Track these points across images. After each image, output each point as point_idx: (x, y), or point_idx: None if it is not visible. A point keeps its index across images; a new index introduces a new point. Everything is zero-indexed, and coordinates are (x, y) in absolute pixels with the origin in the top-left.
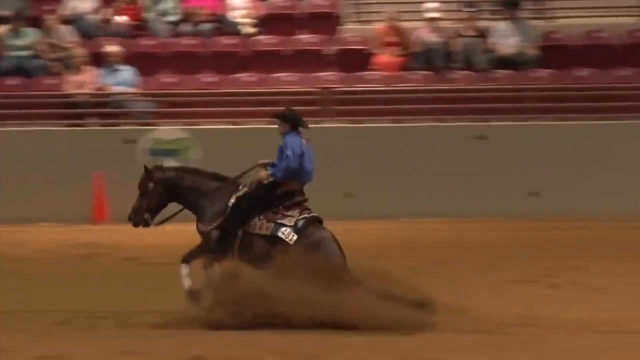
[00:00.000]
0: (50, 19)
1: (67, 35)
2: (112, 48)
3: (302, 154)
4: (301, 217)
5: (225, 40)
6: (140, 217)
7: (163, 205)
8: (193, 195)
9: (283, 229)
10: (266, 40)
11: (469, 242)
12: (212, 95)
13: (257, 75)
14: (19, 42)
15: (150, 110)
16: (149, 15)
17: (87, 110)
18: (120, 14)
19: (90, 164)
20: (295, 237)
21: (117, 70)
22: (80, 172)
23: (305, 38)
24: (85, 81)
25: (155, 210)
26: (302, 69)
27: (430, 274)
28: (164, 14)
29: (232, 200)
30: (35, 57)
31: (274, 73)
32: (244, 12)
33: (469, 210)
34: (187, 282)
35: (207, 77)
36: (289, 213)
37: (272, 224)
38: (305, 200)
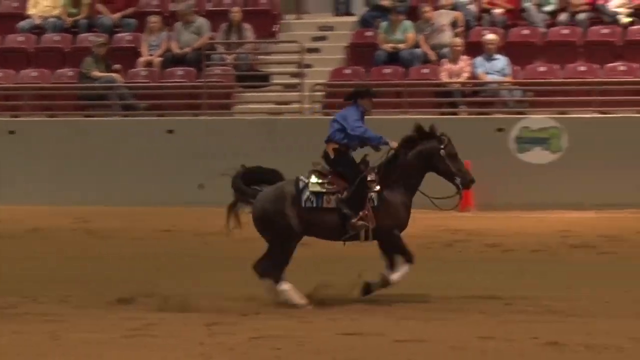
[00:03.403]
0: (427, 9)
1: (444, 24)
2: (489, 37)
3: None
4: None
5: (601, 30)
6: None
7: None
8: None
9: None
10: None
11: None
12: (583, 84)
13: (630, 65)
14: (396, 34)
15: (522, 99)
16: (527, 5)
17: (460, 99)
18: (497, 4)
19: (460, 152)
20: None
21: (492, 59)
22: None
23: None
24: (459, 70)
25: None
26: None
27: None
28: (542, 4)
29: None
30: (411, 47)
31: None
32: (621, 2)
33: None
34: None
35: (580, 67)
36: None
37: None
38: None
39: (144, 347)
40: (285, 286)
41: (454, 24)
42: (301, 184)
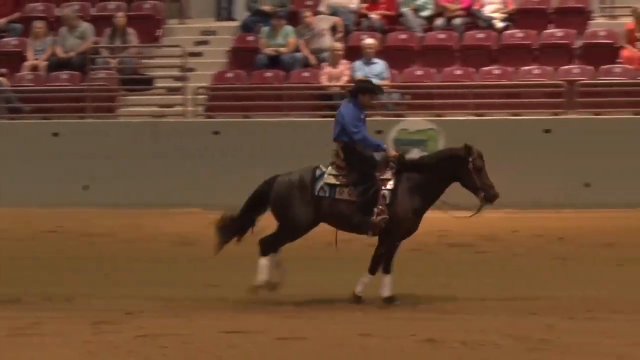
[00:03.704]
0: (307, 14)
1: (324, 29)
2: (367, 41)
3: None
4: None
5: (476, 35)
6: None
7: None
8: None
9: None
10: (515, 35)
11: None
12: (459, 87)
13: (504, 69)
14: (277, 39)
15: (400, 102)
16: (405, 10)
17: (339, 102)
18: (376, 9)
19: None
20: None
21: (370, 63)
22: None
23: (554, 32)
24: (339, 74)
25: None
26: (549, 62)
27: None
28: (419, 9)
29: None
30: (292, 51)
31: (522, 66)
32: (495, 7)
33: None
34: None
35: (457, 70)
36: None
37: None
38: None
39: (29, 345)
40: (264, 261)
41: (333, 29)
42: (318, 172)
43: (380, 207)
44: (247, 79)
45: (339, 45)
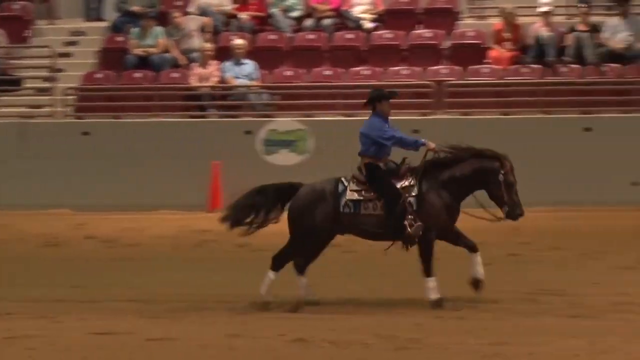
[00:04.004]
0: (177, 15)
1: (193, 30)
2: (237, 42)
3: None
4: None
5: (345, 35)
6: None
7: None
8: None
9: None
10: (384, 35)
11: (573, 230)
12: (328, 87)
13: (373, 69)
14: (146, 40)
15: (269, 103)
16: (274, 11)
17: (210, 103)
18: (246, 10)
19: (210, 154)
20: None
21: (240, 63)
22: (199, 162)
23: (423, 33)
24: (209, 74)
25: None
26: (418, 62)
27: (534, 260)
28: (288, 9)
29: None
30: (162, 52)
31: (391, 67)
32: (364, 8)
33: (573, 199)
34: None
35: (326, 71)
36: None
37: None
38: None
39: None
40: (271, 275)
41: (203, 29)
42: (340, 187)
43: (410, 217)
44: (117, 80)
45: (208, 45)
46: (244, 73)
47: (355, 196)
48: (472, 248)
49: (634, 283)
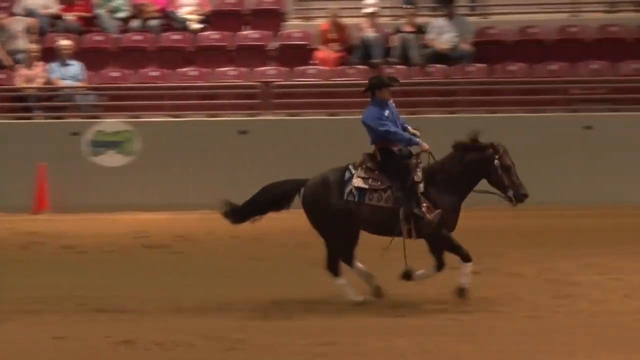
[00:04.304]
0: (2, 16)
1: (19, 31)
2: (62, 43)
3: None
4: None
5: (172, 36)
6: None
7: None
8: None
9: None
10: (211, 36)
11: None
12: (155, 88)
13: (200, 70)
14: None
15: (96, 104)
16: (100, 12)
17: (36, 104)
18: (72, 10)
19: (36, 156)
20: None
21: (66, 64)
22: (25, 163)
23: (250, 34)
24: (34, 75)
25: None
26: (245, 63)
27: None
28: (114, 10)
29: None
30: None
31: (218, 68)
32: (191, 8)
33: None
34: None
35: (153, 72)
36: None
37: None
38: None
39: None
40: (341, 281)
41: (28, 30)
42: (347, 175)
43: (425, 204)
44: None
45: (34, 47)
46: (69, 74)
47: (361, 184)
48: (441, 267)
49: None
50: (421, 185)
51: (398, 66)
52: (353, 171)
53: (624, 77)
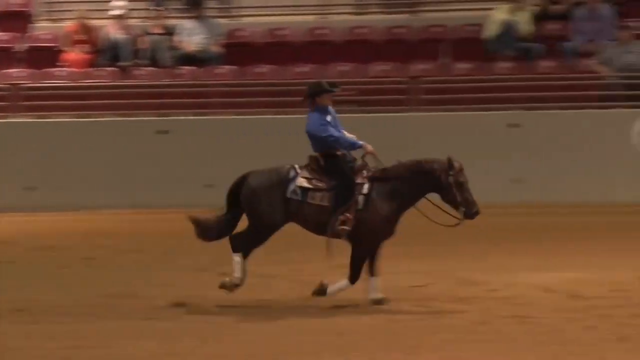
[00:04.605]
0: None
1: None
2: None
3: None
4: None
5: None
6: None
7: None
8: None
9: None
10: None
11: (149, 232)
12: None
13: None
14: None
15: None
16: None
17: None
18: None
19: None
20: None
21: None
22: None
23: None
24: None
25: None
26: None
27: (111, 263)
28: None
29: None
30: None
31: None
32: None
33: (148, 201)
34: None
35: None
36: None
37: None
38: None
39: None
40: (237, 257)
41: None
42: (292, 174)
43: (348, 215)
44: None
45: None
46: None
47: (305, 184)
48: (375, 272)
49: (208, 285)
50: (365, 187)
51: (147, 68)
52: (298, 170)
53: (373, 78)
